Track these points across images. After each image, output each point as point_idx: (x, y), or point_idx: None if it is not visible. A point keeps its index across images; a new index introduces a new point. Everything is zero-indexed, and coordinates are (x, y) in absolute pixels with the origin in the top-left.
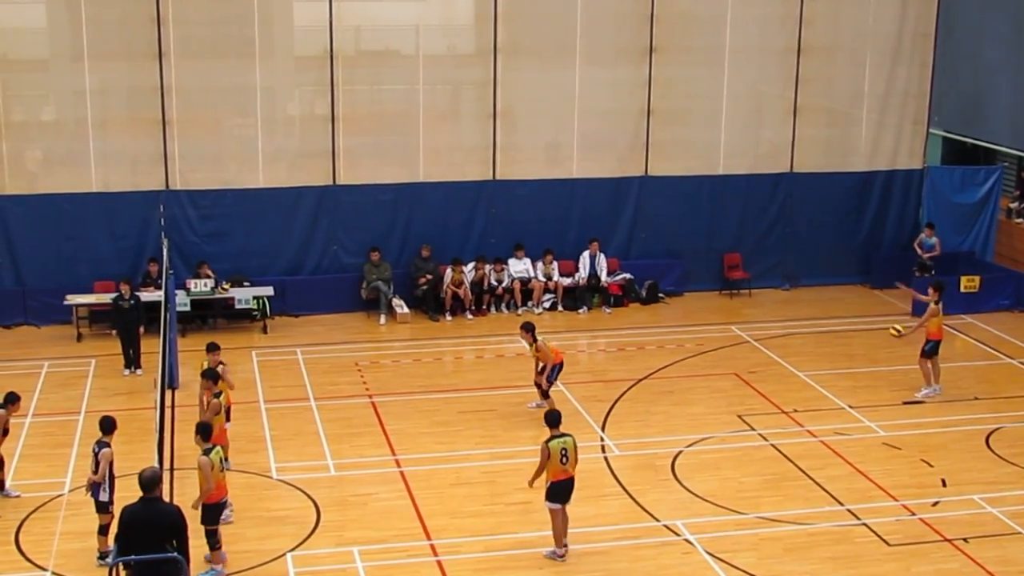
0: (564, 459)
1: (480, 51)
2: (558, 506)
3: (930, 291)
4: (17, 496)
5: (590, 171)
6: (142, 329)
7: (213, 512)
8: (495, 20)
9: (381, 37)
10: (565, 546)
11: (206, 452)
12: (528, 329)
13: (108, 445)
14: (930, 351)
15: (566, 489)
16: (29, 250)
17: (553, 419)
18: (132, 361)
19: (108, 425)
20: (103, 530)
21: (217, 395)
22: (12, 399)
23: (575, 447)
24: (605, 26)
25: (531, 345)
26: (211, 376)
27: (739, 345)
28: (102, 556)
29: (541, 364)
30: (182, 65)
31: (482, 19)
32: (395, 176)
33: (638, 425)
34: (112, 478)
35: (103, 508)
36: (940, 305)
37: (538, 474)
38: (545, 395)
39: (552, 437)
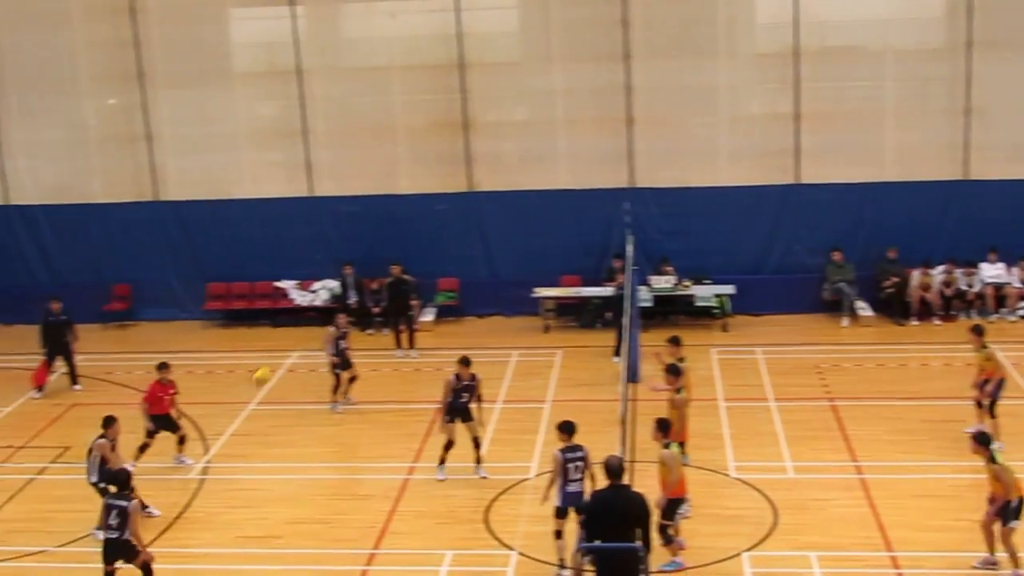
0: None
1: (951, 45)
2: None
3: None
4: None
5: None
6: None
7: (673, 507)
8: (969, 12)
9: (847, 33)
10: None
11: (666, 446)
12: (979, 332)
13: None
14: None
15: None
16: (501, 243)
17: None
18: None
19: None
20: None
21: (679, 390)
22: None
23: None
24: None
25: (980, 351)
26: (674, 372)
27: None
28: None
29: (984, 377)
30: (646, 65)
31: (954, 11)
32: (860, 175)
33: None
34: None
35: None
36: None
37: None
38: (990, 412)
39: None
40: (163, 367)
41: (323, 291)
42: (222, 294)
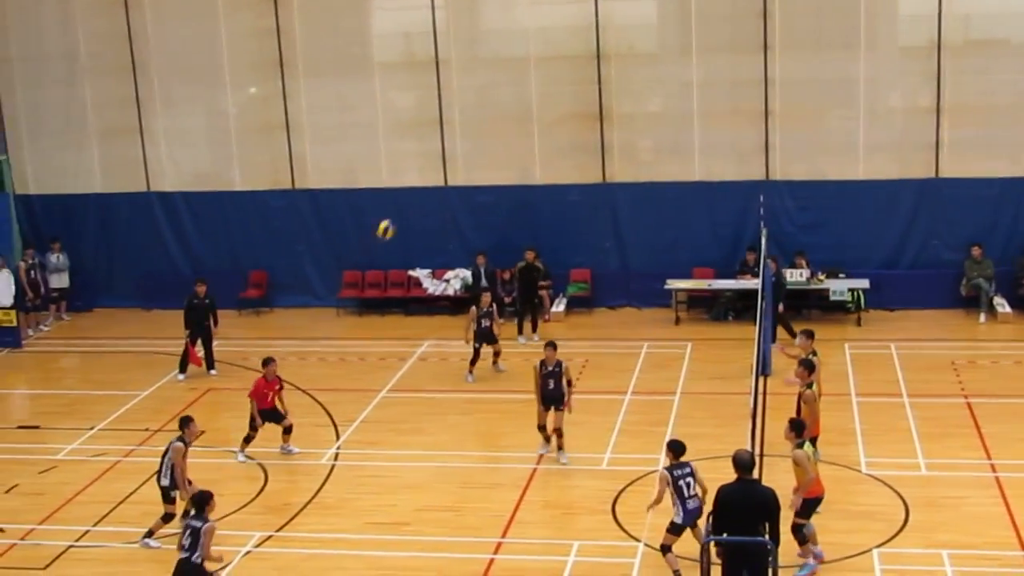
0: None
1: None
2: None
3: None
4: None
5: None
6: None
7: (809, 506)
8: None
9: (991, 25)
10: None
11: (799, 446)
12: None
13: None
14: None
15: None
16: (634, 235)
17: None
18: None
19: (183, 423)
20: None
21: (809, 386)
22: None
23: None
24: None
25: None
26: (807, 366)
27: None
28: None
29: None
30: (785, 57)
31: None
32: (1002, 170)
33: None
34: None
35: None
36: None
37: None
38: None
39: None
40: (268, 362)
41: (455, 280)
42: (356, 282)
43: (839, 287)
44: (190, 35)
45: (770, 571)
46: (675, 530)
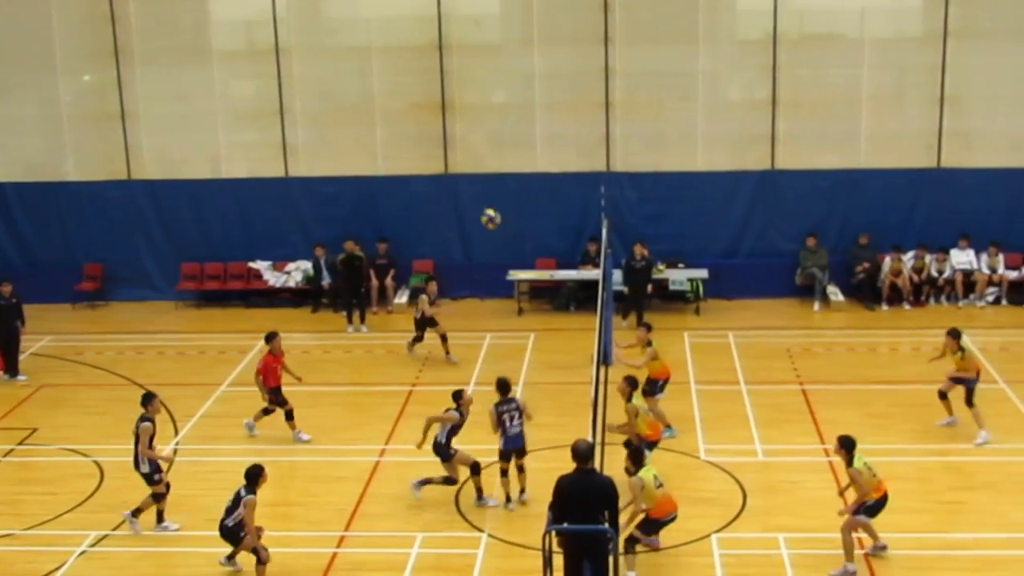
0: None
1: (929, 34)
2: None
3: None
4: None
5: None
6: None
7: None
8: (947, 1)
9: (826, 20)
10: None
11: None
12: (955, 336)
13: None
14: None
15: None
16: (477, 226)
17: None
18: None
19: (146, 399)
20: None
21: (629, 398)
22: (149, 400)
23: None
24: None
25: (956, 352)
26: (630, 383)
27: None
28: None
29: (959, 375)
30: (626, 49)
31: (932, 0)
32: (835, 162)
33: None
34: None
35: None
36: None
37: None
38: (968, 402)
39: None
40: (272, 337)
41: (297, 272)
42: (195, 275)
43: (679, 277)
44: (21, 20)
45: (611, 559)
46: (502, 456)
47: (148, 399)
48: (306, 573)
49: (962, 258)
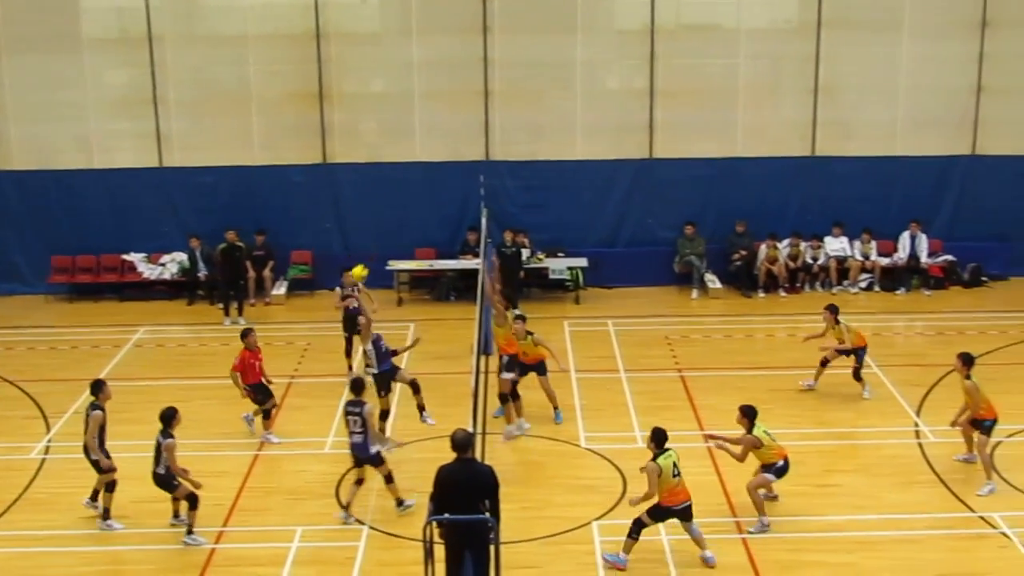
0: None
1: (803, 24)
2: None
3: None
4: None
5: (914, 149)
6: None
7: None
8: None
9: (702, 11)
10: None
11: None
12: (833, 311)
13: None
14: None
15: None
16: (356, 216)
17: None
18: None
19: (96, 388)
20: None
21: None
22: (99, 388)
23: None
24: None
25: (833, 328)
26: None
27: None
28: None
29: (845, 345)
30: (505, 39)
31: None
32: (712, 151)
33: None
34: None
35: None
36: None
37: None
38: (856, 377)
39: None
40: (248, 333)
41: (172, 264)
42: (66, 267)
43: (558, 266)
44: None
45: (492, 548)
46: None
47: (98, 387)
48: (184, 570)
49: (836, 245)
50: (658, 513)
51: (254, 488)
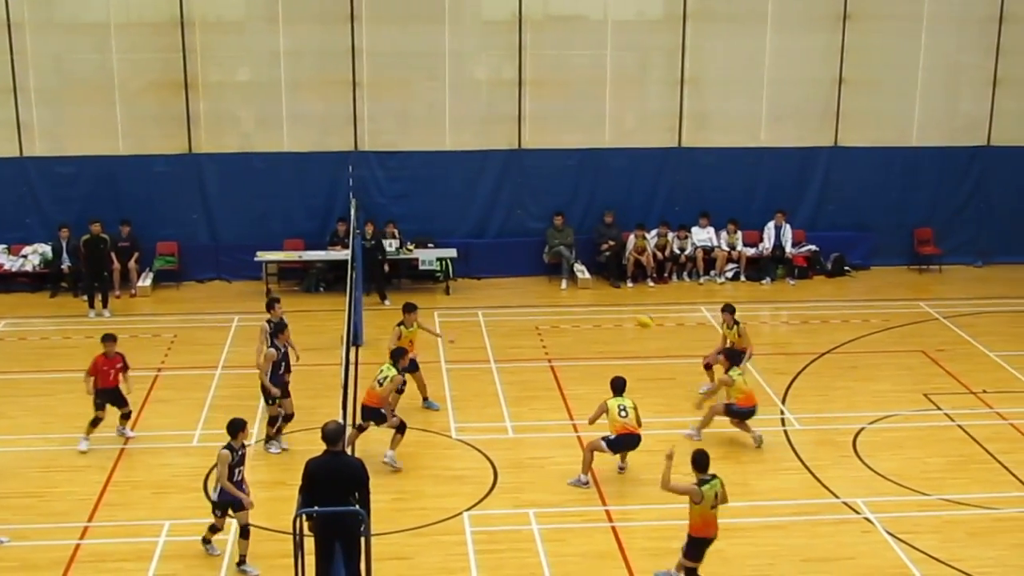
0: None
1: (669, 17)
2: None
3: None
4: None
5: (778, 140)
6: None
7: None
8: None
9: (569, 2)
10: None
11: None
12: (730, 311)
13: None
14: None
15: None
16: (223, 207)
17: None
18: None
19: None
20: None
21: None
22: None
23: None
24: None
25: (731, 328)
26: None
27: (927, 322)
28: None
29: (729, 344)
30: (373, 28)
31: None
32: (580, 141)
33: (820, 400)
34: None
35: None
36: None
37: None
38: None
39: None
40: (108, 339)
41: (34, 256)
42: None
43: (428, 256)
44: None
45: (362, 540)
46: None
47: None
48: (48, 567)
49: (702, 235)
50: (696, 551)
51: (120, 482)
